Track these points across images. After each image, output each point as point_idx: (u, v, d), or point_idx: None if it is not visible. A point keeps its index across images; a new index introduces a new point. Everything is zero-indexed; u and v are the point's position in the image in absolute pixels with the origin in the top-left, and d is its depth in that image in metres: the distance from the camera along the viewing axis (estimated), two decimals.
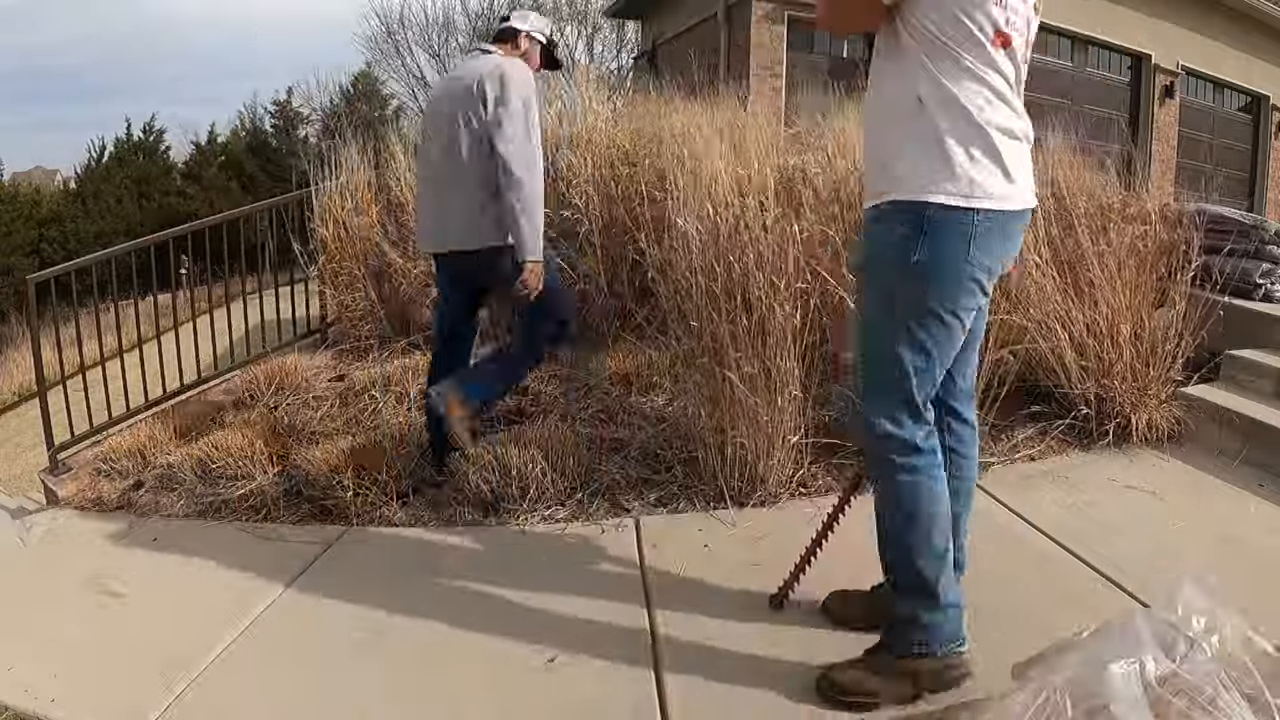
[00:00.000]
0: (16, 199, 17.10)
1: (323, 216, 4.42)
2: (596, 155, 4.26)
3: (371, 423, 3.44)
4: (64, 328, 3.85)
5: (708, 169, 3.04)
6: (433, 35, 19.14)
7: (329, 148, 4.48)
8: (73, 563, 2.71)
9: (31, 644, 2.25)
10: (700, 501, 2.76)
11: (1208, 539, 2.45)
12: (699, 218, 2.76)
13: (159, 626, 2.29)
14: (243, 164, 18.32)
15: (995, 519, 2.60)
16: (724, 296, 2.61)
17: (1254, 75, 12.20)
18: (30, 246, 16.33)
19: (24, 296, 4.27)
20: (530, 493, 2.79)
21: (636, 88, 6.65)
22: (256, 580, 2.49)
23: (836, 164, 3.95)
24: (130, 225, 16.13)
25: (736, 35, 9.81)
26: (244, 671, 2.07)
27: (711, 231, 2.73)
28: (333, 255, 4.45)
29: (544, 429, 3.09)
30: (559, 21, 18.49)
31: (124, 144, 18.48)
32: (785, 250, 2.62)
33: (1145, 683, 1.27)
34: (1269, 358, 3.32)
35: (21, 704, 1.99)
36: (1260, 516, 2.60)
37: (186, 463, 3.15)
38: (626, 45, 18.02)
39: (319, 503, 2.92)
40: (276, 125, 19.37)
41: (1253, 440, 2.97)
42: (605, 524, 2.68)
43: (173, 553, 2.74)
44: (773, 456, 2.69)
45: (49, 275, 3.76)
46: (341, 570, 2.53)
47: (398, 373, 3.80)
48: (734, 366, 2.58)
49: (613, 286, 4.21)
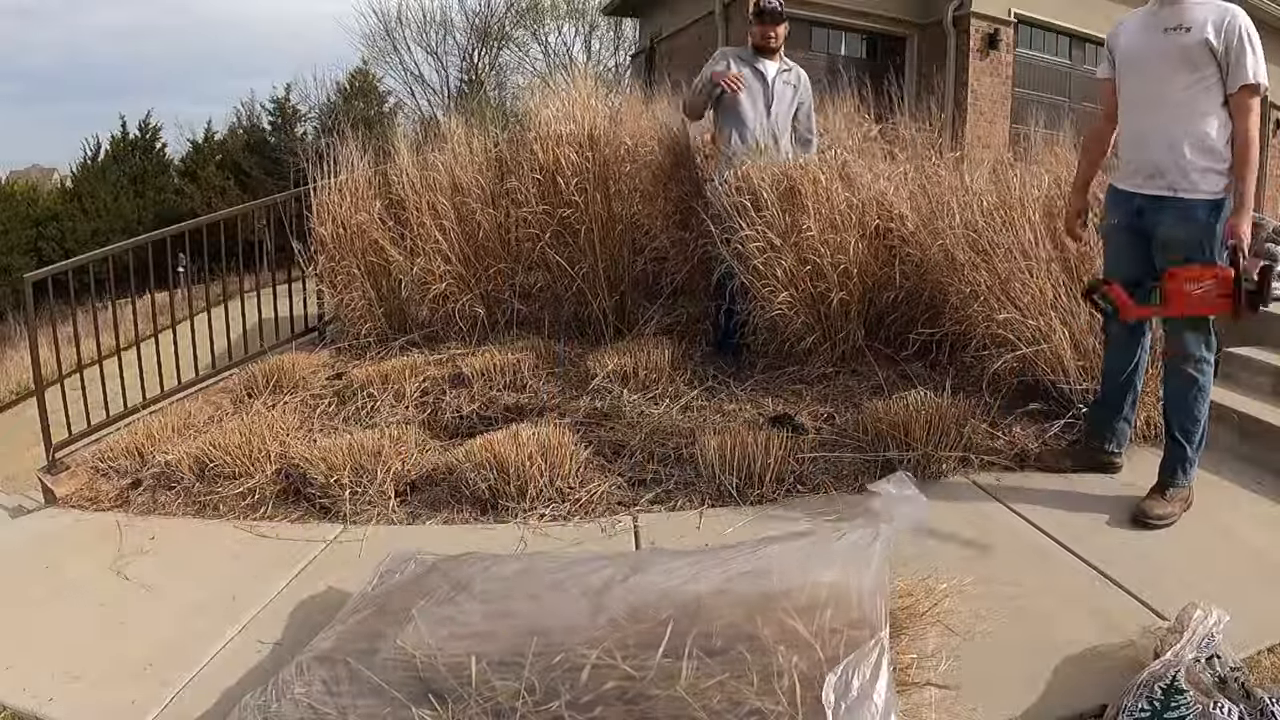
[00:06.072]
0: (14, 198, 17.04)
1: (321, 214, 4.42)
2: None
3: (370, 421, 3.44)
4: (62, 326, 3.83)
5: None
6: (430, 33, 19.14)
7: (327, 145, 4.46)
8: (70, 561, 2.70)
9: (30, 643, 2.24)
10: (698, 499, 2.77)
11: (1205, 536, 2.46)
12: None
13: (157, 625, 2.29)
14: (240, 162, 18.27)
15: (995, 518, 2.61)
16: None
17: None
18: (28, 245, 16.28)
19: (21, 295, 4.26)
20: (529, 491, 2.79)
21: (634, 85, 6.64)
22: (255, 579, 2.49)
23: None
24: (127, 224, 16.08)
25: (735, 33, 9.79)
26: (243, 670, 2.06)
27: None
28: (331, 253, 4.44)
29: (543, 427, 3.09)
30: (556, 20, 18.51)
31: (120, 142, 18.42)
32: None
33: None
34: (1268, 355, 3.33)
35: (20, 703, 1.99)
36: (1257, 513, 2.61)
37: (184, 461, 3.14)
38: (624, 43, 18.02)
39: (317, 501, 2.92)
40: (274, 123, 19.29)
41: (1250, 437, 2.97)
42: (604, 522, 2.68)
43: (171, 551, 2.73)
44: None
45: (47, 274, 3.76)
46: (340, 569, 2.53)
47: (396, 371, 3.80)
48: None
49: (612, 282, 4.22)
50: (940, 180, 3.78)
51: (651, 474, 2.91)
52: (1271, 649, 1.93)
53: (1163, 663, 1.68)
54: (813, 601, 1.56)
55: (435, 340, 4.29)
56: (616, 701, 1.48)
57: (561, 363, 3.88)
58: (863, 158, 4.02)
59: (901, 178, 3.89)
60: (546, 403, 3.51)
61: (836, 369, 3.65)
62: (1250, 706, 1.62)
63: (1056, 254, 3.26)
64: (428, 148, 4.60)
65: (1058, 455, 2.92)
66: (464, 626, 1.70)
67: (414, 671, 1.63)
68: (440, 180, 4.40)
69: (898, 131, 4.42)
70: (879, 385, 3.43)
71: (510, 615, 1.71)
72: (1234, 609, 1.80)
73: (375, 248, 4.41)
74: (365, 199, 4.47)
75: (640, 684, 1.49)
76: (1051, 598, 2.14)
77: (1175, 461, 2.58)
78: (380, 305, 4.46)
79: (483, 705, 1.53)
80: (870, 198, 3.73)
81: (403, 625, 1.74)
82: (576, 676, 1.53)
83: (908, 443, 2.91)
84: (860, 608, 1.54)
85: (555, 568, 1.87)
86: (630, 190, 4.29)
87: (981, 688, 1.77)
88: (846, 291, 3.59)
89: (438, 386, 3.71)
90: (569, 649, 1.57)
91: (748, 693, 1.45)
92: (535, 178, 4.22)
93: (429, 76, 19.46)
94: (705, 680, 1.48)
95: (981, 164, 3.88)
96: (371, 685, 1.62)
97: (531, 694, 1.53)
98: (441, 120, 5.24)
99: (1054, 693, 1.81)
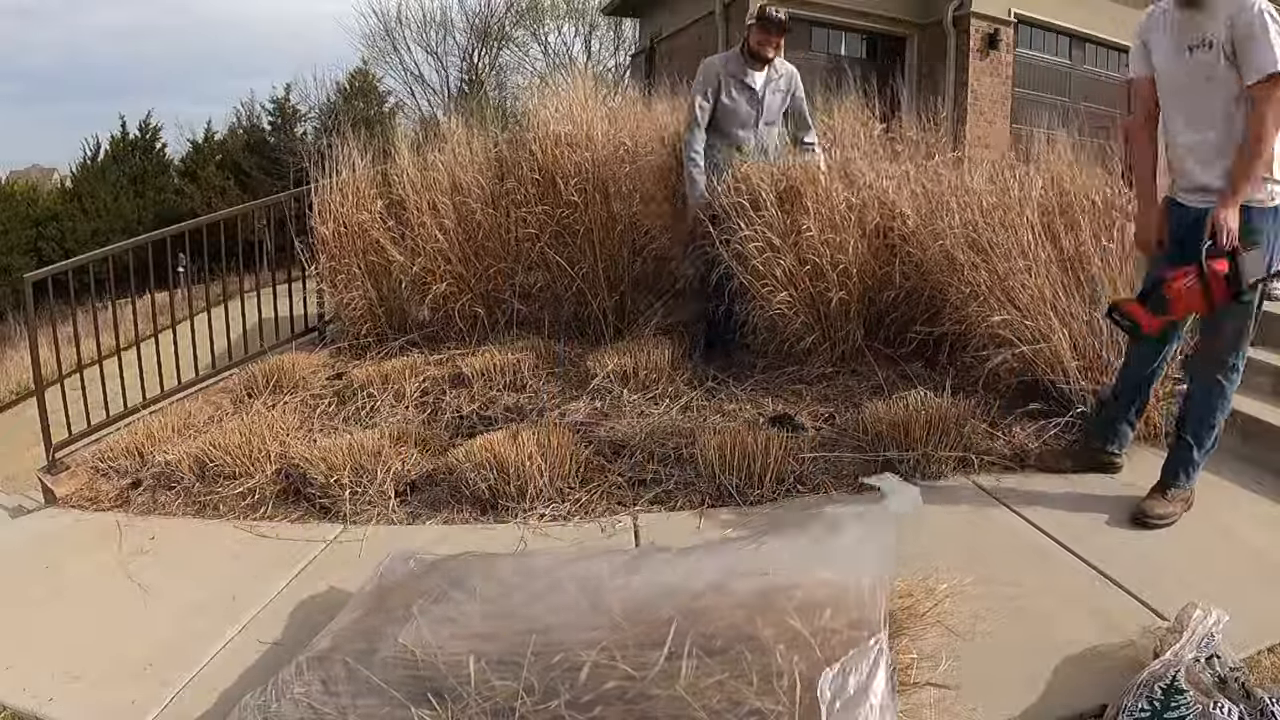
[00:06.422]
0: (14, 198, 17.04)
1: (322, 214, 4.42)
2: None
3: (370, 421, 3.44)
4: (62, 326, 3.84)
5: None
6: (430, 33, 19.14)
7: (328, 145, 4.46)
8: (70, 561, 2.70)
9: (30, 643, 2.24)
10: (698, 499, 2.77)
11: (1205, 536, 2.46)
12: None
13: (157, 625, 2.29)
14: (240, 162, 18.26)
15: (995, 518, 2.61)
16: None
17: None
18: (28, 245, 16.28)
19: (21, 295, 4.27)
20: (529, 491, 2.79)
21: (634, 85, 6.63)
22: (255, 579, 2.49)
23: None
24: (127, 224, 16.06)
25: (734, 33, 9.79)
26: (242, 670, 2.06)
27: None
28: (333, 252, 4.44)
29: (543, 427, 3.09)
30: (556, 20, 18.51)
31: (120, 142, 18.41)
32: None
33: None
34: (1268, 355, 3.32)
35: (20, 703, 1.99)
36: (1257, 513, 2.60)
37: (184, 461, 3.14)
38: (624, 43, 18.02)
39: (317, 501, 2.92)
40: (274, 123, 19.29)
41: (1250, 437, 2.97)
42: (603, 522, 2.68)
43: (171, 551, 2.73)
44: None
45: (46, 274, 3.76)
46: (340, 569, 2.53)
47: (396, 371, 3.80)
48: None
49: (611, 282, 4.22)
50: (940, 179, 3.78)
51: (651, 474, 2.91)
52: (1271, 649, 1.93)
53: (1162, 663, 1.68)
54: (813, 600, 1.56)
55: (435, 340, 4.29)
56: (616, 701, 1.48)
57: (561, 363, 3.88)
58: (866, 157, 4.01)
59: (903, 177, 3.88)
60: (546, 403, 3.50)
61: (836, 369, 3.65)
62: (1250, 706, 1.62)
63: (1055, 254, 3.26)
64: (428, 148, 4.60)
65: (1057, 455, 2.92)
66: (463, 626, 1.70)
67: (413, 671, 1.63)
68: (440, 180, 4.40)
69: (900, 131, 4.42)
70: (879, 385, 3.43)
71: (510, 615, 1.71)
72: (1234, 609, 1.80)
73: (376, 247, 4.41)
74: (366, 199, 4.47)
75: (640, 683, 1.49)
76: (1051, 598, 2.14)
77: (1180, 463, 2.56)
78: (381, 305, 4.46)
79: (482, 705, 1.54)
80: (872, 197, 3.73)
81: (402, 625, 1.74)
82: (576, 676, 1.53)
83: (907, 443, 2.91)
84: (860, 606, 1.54)
85: (555, 567, 1.87)
86: (630, 190, 4.29)
87: (981, 688, 1.77)
88: (846, 291, 3.59)
89: (438, 386, 3.71)
90: (568, 648, 1.57)
91: (747, 693, 1.45)
92: (534, 178, 4.21)
93: (429, 76, 19.48)
94: (705, 680, 1.48)
95: (981, 164, 3.87)
96: (371, 685, 1.62)
97: (531, 693, 1.53)
98: (442, 120, 5.24)
99: (1054, 693, 1.81)
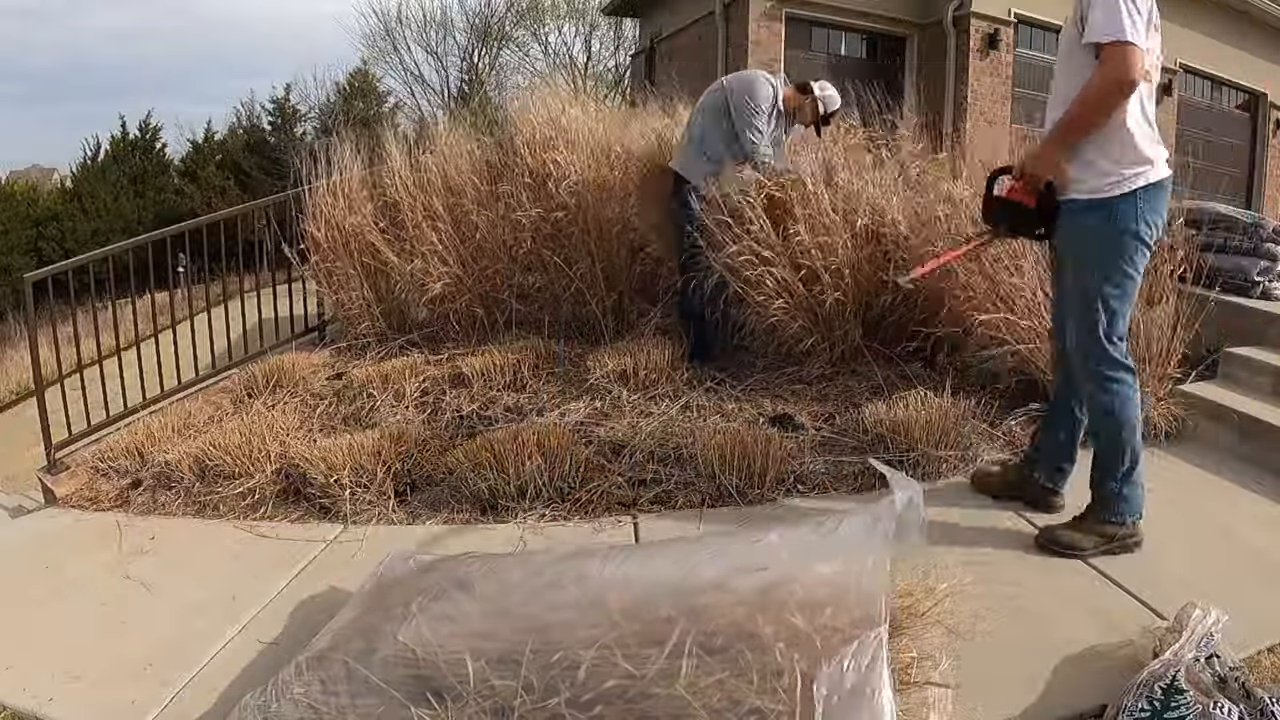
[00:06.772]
0: (14, 198, 17.04)
1: (315, 216, 4.41)
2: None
3: (370, 421, 3.44)
4: (62, 326, 3.84)
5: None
6: (430, 33, 19.15)
7: (323, 146, 4.46)
8: (70, 561, 2.70)
9: (30, 643, 2.24)
10: (698, 499, 2.77)
11: (1205, 536, 2.46)
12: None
13: (157, 625, 2.29)
14: (240, 162, 18.26)
15: (995, 518, 2.60)
16: None
17: (1251, 72, 12.20)
18: (28, 245, 16.28)
19: (21, 295, 4.27)
20: (529, 491, 2.79)
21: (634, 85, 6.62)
22: (255, 579, 2.48)
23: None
24: (127, 224, 16.06)
25: (734, 33, 9.79)
26: (242, 670, 2.06)
27: None
28: (325, 254, 4.44)
29: (542, 427, 3.09)
30: (556, 20, 18.52)
31: (120, 142, 18.41)
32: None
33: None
34: (1267, 355, 3.32)
35: (20, 703, 1.99)
36: (1257, 513, 2.60)
37: (184, 461, 3.14)
38: (624, 43, 18.03)
39: (317, 501, 2.92)
40: (274, 123, 19.29)
41: (1250, 437, 2.97)
42: (603, 521, 2.68)
43: (171, 551, 2.73)
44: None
45: (47, 274, 3.76)
46: (340, 569, 2.53)
47: (395, 371, 3.80)
48: None
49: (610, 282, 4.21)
50: (927, 190, 3.78)
51: (651, 474, 2.91)
52: (1271, 649, 1.93)
53: (1162, 662, 1.68)
54: (813, 597, 1.56)
55: (435, 340, 4.29)
56: (616, 699, 1.48)
57: (561, 363, 3.88)
58: (849, 167, 3.92)
59: (891, 183, 3.87)
60: (546, 402, 3.50)
61: (835, 369, 3.65)
62: (1250, 706, 1.62)
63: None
64: (419, 149, 4.60)
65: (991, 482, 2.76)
66: (463, 624, 1.70)
67: (413, 670, 1.63)
68: (433, 182, 4.40)
69: (888, 136, 4.38)
70: (878, 385, 3.43)
71: (509, 613, 1.71)
72: (1233, 609, 1.80)
73: (371, 249, 4.41)
74: (358, 200, 4.47)
75: (640, 682, 1.49)
76: (1051, 598, 2.14)
77: (1100, 498, 2.35)
78: (378, 305, 4.46)
79: (481, 704, 1.53)
80: (864, 203, 3.70)
81: (402, 623, 1.74)
82: (575, 674, 1.53)
83: (907, 443, 2.91)
84: (860, 603, 1.54)
85: (554, 565, 1.87)
86: (627, 193, 4.28)
87: (981, 688, 1.77)
88: (841, 292, 3.58)
89: (438, 386, 3.71)
90: (568, 647, 1.56)
91: (747, 691, 1.45)
92: (525, 181, 4.21)
93: (429, 76, 19.52)
94: (705, 678, 1.48)
95: (977, 166, 3.87)
96: (370, 684, 1.62)
97: (530, 692, 1.53)
98: (438, 120, 5.24)
99: (1054, 693, 1.82)
